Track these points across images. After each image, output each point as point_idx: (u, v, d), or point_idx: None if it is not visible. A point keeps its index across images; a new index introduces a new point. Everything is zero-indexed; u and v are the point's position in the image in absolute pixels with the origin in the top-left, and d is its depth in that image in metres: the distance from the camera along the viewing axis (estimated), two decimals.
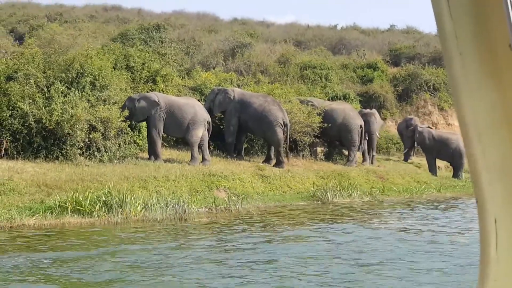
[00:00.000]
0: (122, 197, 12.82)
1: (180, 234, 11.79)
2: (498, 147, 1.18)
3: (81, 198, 12.68)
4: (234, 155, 19.02)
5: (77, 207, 12.54)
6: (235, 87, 21.54)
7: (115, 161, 16.23)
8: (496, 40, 1.14)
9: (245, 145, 20.04)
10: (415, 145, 24.02)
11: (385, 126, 29.76)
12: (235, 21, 51.71)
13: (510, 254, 1.21)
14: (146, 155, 17.60)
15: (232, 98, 19.01)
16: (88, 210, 12.54)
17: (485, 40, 1.15)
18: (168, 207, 13.28)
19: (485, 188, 1.20)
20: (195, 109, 17.68)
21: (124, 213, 12.67)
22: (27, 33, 29.12)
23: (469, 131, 1.20)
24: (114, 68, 18.95)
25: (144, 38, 31.61)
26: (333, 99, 26.51)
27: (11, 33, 35.27)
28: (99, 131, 16.14)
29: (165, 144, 19.25)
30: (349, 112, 21.21)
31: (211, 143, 19.25)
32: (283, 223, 13.13)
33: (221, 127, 19.71)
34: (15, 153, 15.40)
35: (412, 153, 25.20)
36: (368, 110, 23.23)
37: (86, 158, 15.91)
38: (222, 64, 30.97)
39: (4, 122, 15.44)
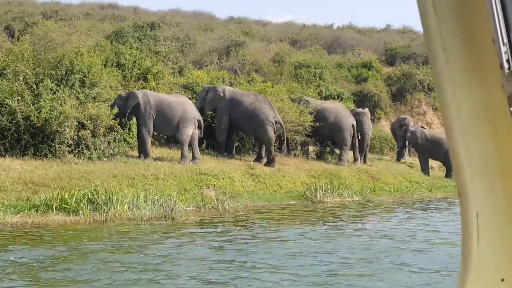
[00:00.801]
0: (109, 195, 12.71)
1: (153, 232, 11.65)
2: (481, 142, 1.19)
3: (66, 196, 12.58)
4: (225, 154, 18.94)
5: (63, 205, 12.45)
6: (227, 85, 21.47)
7: (104, 159, 16.15)
8: (479, 35, 1.16)
9: (236, 144, 19.95)
10: (407, 144, 23.93)
11: (379, 126, 29.74)
12: (231, 20, 51.69)
13: (491, 248, 1.23)
14: (136, 153, 17.50)
15: (222, 96, 18.93)
16: (73, 208, 12.45)
17: (469, 35, 1.16)
18: (155, 205, 13.17)
19: (468, 183, 1.22)
20: (185, 107, 17.58)
21: (110, 211, 12.57)
22: (17, 31, 29.02)
23: (452, 126, 1.21)
24: (104, 65, 18.86)
25: (139, 36, 31.48)
26: (327, 98, 26.44)
27: (5, 30, 35.15)
28: (88, 128, 16.06)
29: (156, 143, 19.16)
30: (341, 111, 21.13)
31: (203, 141, 19.17)
32: (264, 223, 13.01)
33: (213, 125, 19.62)
34: (3, 150, 15.31)
35: (405, 153, 25.14)
36: (360, 110, 23.14)
37: (75, 155, 15.83)
38: (217, 62, 30.86)
39: None
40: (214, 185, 16.01)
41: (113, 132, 16.84)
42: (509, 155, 1.22)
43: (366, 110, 23.33)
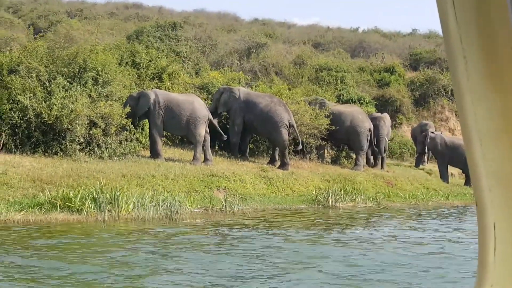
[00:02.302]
0: (114, 194, 12.55)
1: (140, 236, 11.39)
2: (499, 153, 1.19)
3: (71, 195, 12.45)
4: (239, 156, 18.72)
5: (67, 203, 12.32)
6: (243, 86, 21.27)
7: (115, 158, 16.03)
8: (501, 44, 1.15)
9: (250, 146, 19.73)
10: (426, 151, 23.49)
11: (401, 131, 29.31)
12: (255, 22, 51.56)
13: (508, 259, 1.22)
14: (149, 153, 17.37)
15: (236, 97, 18.72)
16: (78, 207, 12.31)
17: (489, 44, 1.15)
18: (160, 206, 12.97)
19: (485, 193, 1.21)
20: (193, 106, 17.35)
21: (114, 211, 12.41)
22: (31, 28, 29.15)
23: (470, 135, 1.20)
24: (119, 64, 18.77)
25: (160, 36, 31.47)
26: (347, 102, 26.12)
27: (29, 28, 35.41)
28: (100, 127, 15.96)
29: (169, 143, 19.04)
30: (358, 115, 20.77)
31: (217, 143, 18.98)
32: (263, 227, 12.71)
33: (227, 126, 19.43)
34: (13, 147, 15.27)
35: (425, 159, 24.72)
36: (378, 114, 22.79)
37: (85, 154, 15.73)
38: (237, 63, 30.71)
39: (4, 116, 15.33)
40: (225, 187, 15.79)
41: (125, 131, 16.71)
42: None
43: (385, 114, 22.95)
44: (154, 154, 16.95)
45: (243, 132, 18.86)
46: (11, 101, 15.58)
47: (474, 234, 12.46)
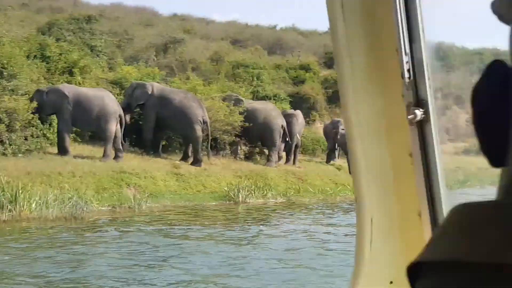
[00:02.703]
0: (15, 193, 12.14)
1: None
2: (378, 150, 1.23)
3: None
4: (151, 152, 18.53)
5: None
6: (158, 82, 21.07)
7: (20, 155, 15.50)
8: (384, 45, 1.18)
9: (163, 143, 19.56)
10: (336, 147, 23.99)
11: (314, 128, 29.76)
12: (174, 17, 51.10)
13: (382, 252, 1.27)
14: (57, 149, 16.91)
15: (150, 93, 18.51)
16: None
17: (375, 44, 1.19)
18: (65, 205, 12.66)
19: (364, 188, 1.25)
20: (104, 101, 17.01)
21: (15, 210, 12.00)
22: None
23: (352, 132, 1.23)
24: (27, 57, 18.17)
25: (73, 29, 30.66)
26: (263, 98, 26.27)
27: None
28: (3, 122, 15.40)
29: (78, 139, 18.60)
30: (271, 112, 20.99)
31: (126, 139, 18.71)
32: (164, 224, 12.70)
33: (140, 122, 19.18)
34: None
35: (336, 155, 25.20)
36: (291, 111, 23.10)
37: None
38: (153, 59, 30.40)
39: None
40: (135, 184, 15.61)
41: (31, 127, 16.18)
42: (403, 162, 1.25)
43: (298, 111, 23.26)
44: (62, 150, 16.53)
45: (156, 128, 18.65)
46: None
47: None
